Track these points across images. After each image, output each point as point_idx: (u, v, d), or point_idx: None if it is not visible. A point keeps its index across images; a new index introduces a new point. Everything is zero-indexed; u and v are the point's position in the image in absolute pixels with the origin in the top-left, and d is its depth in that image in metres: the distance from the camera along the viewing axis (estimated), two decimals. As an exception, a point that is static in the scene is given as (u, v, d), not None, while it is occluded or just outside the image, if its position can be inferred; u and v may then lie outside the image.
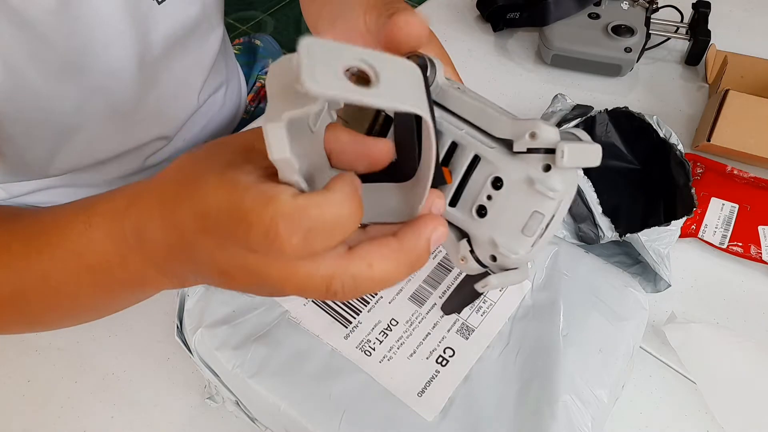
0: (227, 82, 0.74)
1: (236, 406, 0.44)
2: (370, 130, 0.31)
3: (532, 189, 0.27)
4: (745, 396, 0.47)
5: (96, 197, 0.33)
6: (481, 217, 0.28)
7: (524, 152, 0.27)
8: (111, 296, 0.35)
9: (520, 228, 0.27)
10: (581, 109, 0.60)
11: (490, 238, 0.28)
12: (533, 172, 0.27)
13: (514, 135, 0.27)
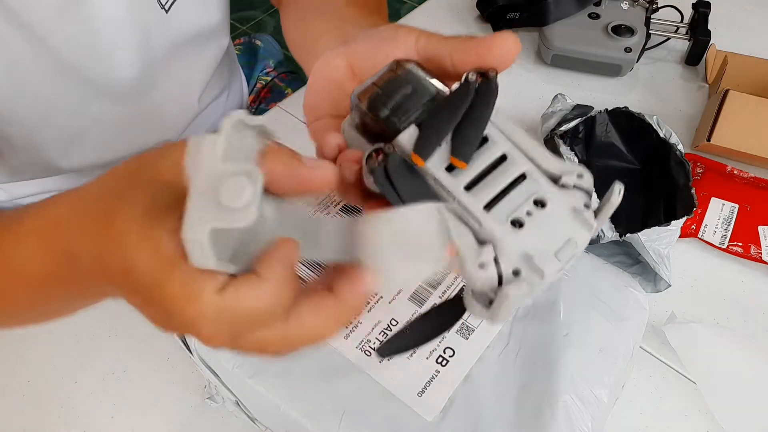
0: (229, 86, 0.74)
1: (236, 406, 0.44)
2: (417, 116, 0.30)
3: (576, 217, 0.28)
4: (745, 396, 0.47)
5: (24, 210, 0.32)
6: (516, 228, 0.28)
7: (570, 186, 0.29)
8: (55, 305, 0.35)
9: (555, 250, 0.28)
10: (581, 109, 0.60)
11: (524, 251, 0.27)
12: (577, 204, 0.28)
13: (563, 171, 0.29)
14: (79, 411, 0.48)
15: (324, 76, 0.34)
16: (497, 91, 0.29)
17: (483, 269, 0.27)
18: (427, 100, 0.29)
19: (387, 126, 0.29)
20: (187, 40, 0.58)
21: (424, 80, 0.30)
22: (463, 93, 0.28)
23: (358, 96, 0.31)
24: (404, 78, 0.30)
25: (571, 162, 0.30)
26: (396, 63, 0.31)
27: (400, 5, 2.06)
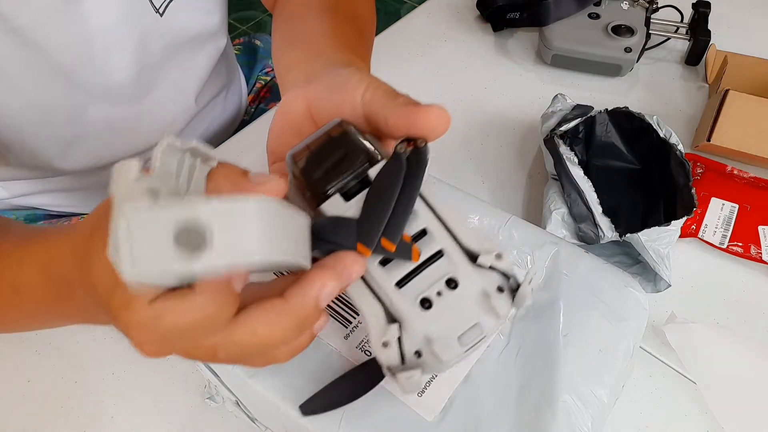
0: (228, 86, 0.74)
1: (236, 406, 0.44)
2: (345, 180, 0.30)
3: (485, 302, 0.28)
4: (745, 396, 0.47)
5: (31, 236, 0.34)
6: (423, 309, 0.28)
7: (486, 267, 0.28)
8: (53, 320, 0.37)
9: (459, 334, 0.27)
10: (581, 109, 0.60)
11: (426, 334, 0.27)
12: (490, 288, 0.28)
13: (483, 249, 0.28)
14: (79, 411, 0.48)
15: (284, 120, 0.35)
16: (427, 161, 0.29)
17: (386, 348, 0.27)
18: (359, 165, 0.29)
19: (315, 190, 0.29)
20: (182, 43, 0.58)
21: (358, 144, 0.30)
22: (395, 169, 0.28)
23: (292, 157, 0.31)
24: (339, 141, 0.30)
25: (487, 239, 0.29)
26: (335, 124, 0.31)
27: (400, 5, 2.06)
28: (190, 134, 0.70)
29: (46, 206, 0.67)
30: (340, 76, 0.33)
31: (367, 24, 0.51)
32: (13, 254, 0.33)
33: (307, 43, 0.43)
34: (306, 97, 0.34)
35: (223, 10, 0.61)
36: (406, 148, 0.29)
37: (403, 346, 0.28)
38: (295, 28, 0.46)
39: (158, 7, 0.52)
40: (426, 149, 0.29)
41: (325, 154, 0.30)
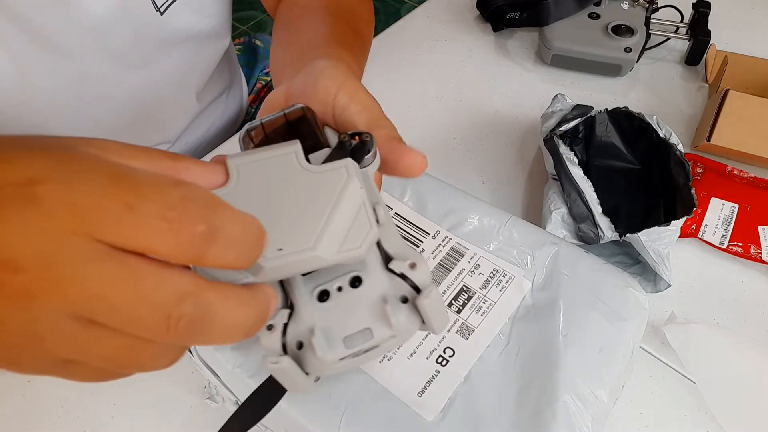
0: (230, 87, 0.74)
1: (236, 406, 0.44)
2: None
3: (381, 308, 0.26)
4: (745, 396, 0.47)
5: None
6: (319, 301, 0.27)
7: (396, 274, 0.27)
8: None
9: (345, 335, 0.26)
10: (581, 109, 0.60)
11: (312, 326, 0.26)
12: (391, 295, 0.26)
13: (398, 255, 0.27)
14: (79, 411, 0.48)
15: (264, 113, 0.35)
16: (374, 154, 0.28)
17: (269, 331, 0.26)
18: (304, 149, 0.28)
19: None
20: (181, 42, 0.58)
21: (316, 131, 0.30)
22: (337, 155, 0.28)
23: (246, 133, 0.30)
24: (294, 125, 0.30)
25: (411, 248, 0.27)
26: (294, 108, 0.31)
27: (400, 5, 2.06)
28: (192, 135, 0.70)
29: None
30: (314, 70, 0.33)
31: (364, 24, 0.51)
32: None
33: (300, 43, 0.43)
34: (285, 93, 0.34)
35: (226, 12, 0.61)
36: (350, 140, 0.28)
37: (287, 333, 0.26)
38: (291, 31, 0.46)
39: (159, 5, 0.52)
40: (372, 143, 0.29)
41: (279, 135, 0.30)
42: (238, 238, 0.21)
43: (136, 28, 0.52)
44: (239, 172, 0.26)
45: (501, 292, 0.43)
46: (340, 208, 0.25)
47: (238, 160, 0.26)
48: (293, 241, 0.24)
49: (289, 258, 0.24)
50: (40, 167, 0.18)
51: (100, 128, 0.58)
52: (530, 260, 0.44)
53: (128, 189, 0.18)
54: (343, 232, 0.25)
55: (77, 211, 0.18)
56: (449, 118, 0.70)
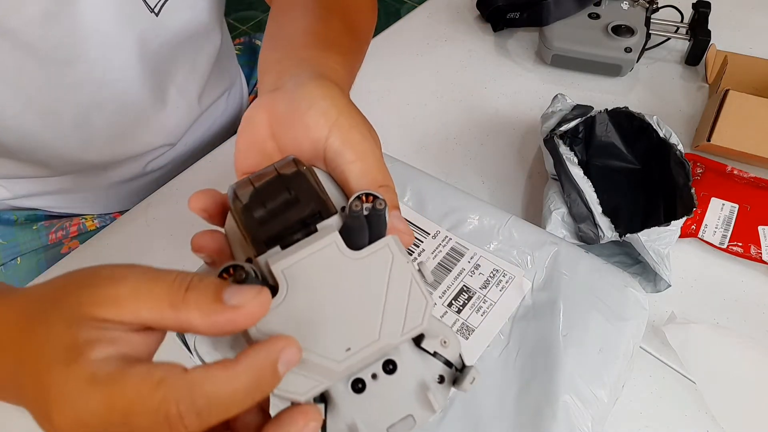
0: (230, 87, 0.74)
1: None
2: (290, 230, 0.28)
3: (421, 394, 0.26)
4: (745, 396, 0.47)
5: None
6: (355, 392, 0.26)
7: (430, 353, 0.26)
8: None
9: (388, 425, 0.25)
10: (581, 109, 0.60)
11: (353, 420, 0.25)
12: (429, 377, 0.26)
13: (428, 332, 0.26)
14: (78, 411, 0.48)
15: (248, 137, 0.33)
16: (386, 219, 0.27)
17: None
18: (309, 216, 0.27)
19: (255, 236, 0.27)
20: (180, 43, 0.58)
21: (313, 192, 0.28)
22: (357, 227, 0.26)
23: (235, 191, 0.28)
24: (289, 182, 0.28)
25: (439, 321, 0.27)
26: (288, 161, 0.29)
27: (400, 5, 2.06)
28: (192, 136, 0.70)
29: (46, 207, 0.67)
30: (302, 99, 0.31)
31: (362, 18, 0.48)
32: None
33: (284, 40, 0.40)
34: (268, 114, 0.32)
35: (217, 7, 0.61)
36: (362, 206, 0.26)
37: (326, 430, 0.25)
38: (279, 23, 0.43)
39: (153, 6, 0.52)
40: (385, 210, 0.26)
41: (271, 195, 0.27)
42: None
43: (135, 33, 0.52)
44: (286, 277, 0.25)
45: (501, 292, 0.43)
46: (394, 289, 0.25)
47: (282, 265, 0.25)
48: (358, 338, 0.25)
49: (358, 355, 0.24)
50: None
51: (99, 134, 0.58)
52: (530, 260, 0.44)
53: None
54: (401, 312, 0.25)
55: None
56: (449, 118, 0.70)
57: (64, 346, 0.22)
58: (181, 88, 0.62)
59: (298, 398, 0.24)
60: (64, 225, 0.67)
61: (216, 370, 0.22)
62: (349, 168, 0.29)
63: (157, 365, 0.22)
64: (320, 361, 0.25)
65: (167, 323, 0.23)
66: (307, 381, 0.24)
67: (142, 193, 0.65)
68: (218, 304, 0.23)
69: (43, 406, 0.22)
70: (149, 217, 0.61)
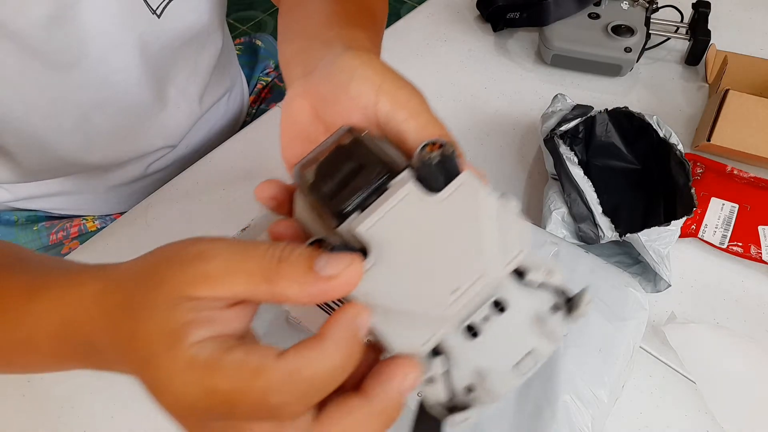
0: (231, 88, 0.74)
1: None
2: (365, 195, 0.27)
3: (540, 326, 0.25)
4: (745, 396, 0.47)
5: (39, 280, 0.30)
6: (470, 338, 0.25)
7: (537, 284, 0.25)
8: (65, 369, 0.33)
9: (514, 363, 0.25)
10: (581, 109, 0.60)
11: (478, 366, 0.25)
12: (543, 309, 0.25)
13: (530, 265, 0.25)
14: (79, 411, 0.48)
15: (290, 123, 0.33)
16: (456, 161, 0.26)
17: (431, 384, 0.25)
18: (377, 178, 0.26)
19: (330, 209, 0.26)
20: (182, 45, 0.58)
21: (376, 154, 0.27)
22: (431, 174, 0.25)
23: (301, 170, 0.28)
24: (351, 151, 0.27)
25: (536, 254, 0.26)
26: (345, 131, 0.28)
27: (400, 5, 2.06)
28: (194, 137, 0.70)
29: (47, 209, 0.67)
30: (341, 72, 0.30)
31: (382, 14, 0.47)
32: (24, 301, 0.29)
33: (304, 29, 0.39)
34: (308, 98, 0.32)
35: (219, 8, 0.61)
36: (431, 154, 0.25)
37: (452, 381, 0.25)
38: (294, 17, 0.43)
39: (155, 8, 0.52)
40: (454, 155, 0.26)
41: (337, 167, 0.27)
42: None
43: (136, 34, 0.52)
44: (373, 237, 0.25)
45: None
46: (485, 222, 0.25)
47: (365, 226, 0.25)
48: (462, 277, 0.24)
49: (466, 295, 0.24)
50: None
51: (101, 136, 0.58)
52: (530, 260, 0.44)
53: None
54: (499, 242, 0.24)
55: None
56: (449, 118, 0.69)
57: (165, 332, 0.23)
58: (182, 89, 0.62)
59: (416, 352, 0.24)
60: (65, 226, 0.67)
61: (308, 351, 0.22)
62: (404, 127, 0.28)
63: (251, 351, 0.22)
64: (429, 310, 0.24)
65: (261, 296, 0.23)
66: (422, 333, 0.24)
67: (144, 195, 0.65)
68: (312, 275, 0.23)
69: (153, 388, 0.24)
70: (149, 217, 0.61)
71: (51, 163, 0.58)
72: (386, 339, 0.24)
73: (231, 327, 0.24)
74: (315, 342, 0.22)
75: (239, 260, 0.23)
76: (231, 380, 0.22)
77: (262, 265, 0.23)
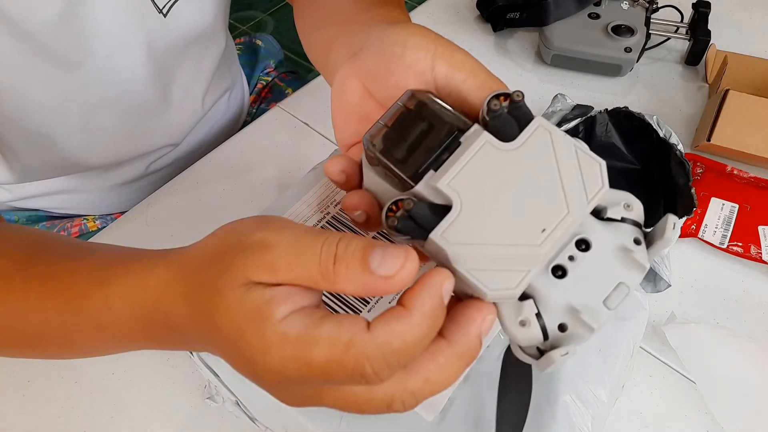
0: (231, 88, 0.74)
1: (236, 406, 0.44)
2: (437, 153, 0.28)
3: (626, 258, 0.25)
4: (745, 396, 0.47)
5: (107, 268, 0.30)
6: (558, 278, 0.25)
7: (617, 220, 0.26)
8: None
9: (603, 298, 0.25)
10: (581, 109, 0.60)
11: (569, 304, 0.25)
12: (627, 242, 0.26)
13: (609, 203, 0.26)
14: (79, 411, 0.48)
15: (342, 104, 0.33)
16: (526, 109, 0.26)
17: (525, 327, 0.25)
18: (447, 137, 0.27)
19: (405, 172, 0.27)
20: (187, 44, 0.58)
21: (443, 113, 0.27)
22: (503, 124, 0.26)
23: (370, 139, 0.28)
24: (418, 113, 0.28)
25: (616, 190, 0.27)
26: (409, 95, 0.29)
27: (400, 5, 2.06)
28: (195, 136, 0.70)
29: (48, 208, 0.68)
30: (391, 45, 0.30)
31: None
32: (95, 288, 0.30)
33: (335, 15, 0.39)
34: (358, 76, 0.32)
35: (223, 9, 0.61)
36: (501, 104, 0.26)
37: (544, 322, 0.25)
38: (318, 4, 0.43)
39: (161, 7, 0.52)
40: (524, 103, 0.26)
41: (406, 131, 0.27)
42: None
43: (142, 34, 0.52)
44: (455, 189, 0.25)
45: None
46: (563, 163, 0.25)
47: (446, 179, 0.25)
48: (548, 217, 0.25)
49: (555, 233, 0.24)
50: None
51: (106, 134, 0.58)
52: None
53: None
54: (579, 182, 0.25)
55: None
56: (449, 118, 0.70)
57: (248, 312, 0.24)
58: (186, 88, 0.62)
59: (511, 294, 0.24)
60: (66, 225, 0.67)
61: (396, 323, 0.23)
62: (464, 86, 0.29)
63: (341, 323, 0.23)
64: (520, 251, 0.24)
65: (322, 289, 0.24)
66: (515, 274, 0.24)
67: (144, 194, 0.65)
68: (368, 276, 0.23)
69: (244, 364, 0.25)
70: (149, 216, 0.61)
71: (54, 161, 0.58)
72: (478, 285, 0.24)
73: (308, 298, 0.25)
74: (403, 314, 0.23)
75: (298, 255, 0.24)
76: (326, 353, 0.23)
77: (320, 262, 0.24)
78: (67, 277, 0.31)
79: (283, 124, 0.68)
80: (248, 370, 0.25)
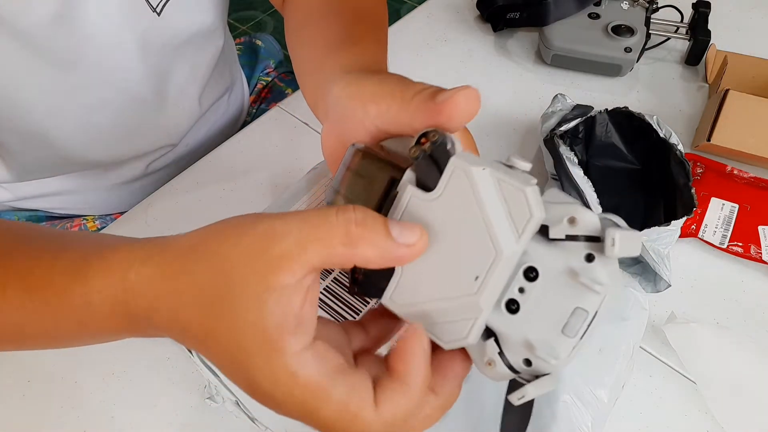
0: (231, 88, 0.74)
1: (236, 406, 0.44)
2: (378, 208, 0.28)
3: (575, 282, 0.24)
4: (745, 396, 0.47)
5: (84, 261, 0.29)
6: (512, 313, 0.25)
7: (562, 239, 0.24)
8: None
9: (560, 327, 0.24)
10: (581, 109, 0.60)
11: (525, 339, 0.24)
12: (575, 263, 0.24)
13: (550, 220, 0.24)
14: (79, 411, 0.48)
15: (329, 153, 0.35)
16: (450, 153, 0.26)
17: (492, 367, 0.25)
18: (387, 188, 0.27)
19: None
20: (182, 43, 0.58)
21: (376, 166, 0.29)
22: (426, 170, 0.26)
23: (332, 199, 0.30)
24: (357, 171, 0.29)
25: (560, 203, 0.25)
26: (351, 153, 0.30)
27: (400, 5, 2.06)
28: (193, 136, 0.70)
29: (48, 209, 0.67)
30: (337, 105, 0.32)
31: (378, 16, 0.48)
32: (73, 283, 0.29)
33: (312, 59, 0.41)
34: (334, 134, 0.34)
35: (221, 8, 0.61)
36: (420, 149, 0.26)
37: (508, 360, 0.25)
38: (300, 42, 0.44)
39: (155, 6, 0.52)
40: (445, 139, 0.26)
41: (352, 190, 0.29)
42: None
43: (137, 33, 0.52)
44: None
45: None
46: (486, 203, 0.24)
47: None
48: (479, 264, 0.24)
49: (489, 278, 0.24)
50: None
51: (102, 134, 0.58)
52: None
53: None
54: (505, 218, 0.24)
55: None
56: (449, 118, 0.70)
57: (258, 337, 0.23)
58: (182, 88, 0.62)
59: (465, 343, 0.25)
60: (65, 226, 0.67)
61: (400, 398, 0.24)
62: (390, 115, 0.29)
63: (352, 389, 0.24)
64: (461, 302, 0.25)
65: (337, 261, 0.24)
66: (463, 323, 0.25)
67: (144, 194, 0.65)
68: (390, 242, 0.24)
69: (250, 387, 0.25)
70: (149, 217, 0.61)
71: (52, 161, 0.58)
72: (435, 339, 0.26)
73: (313, 326, 0.25)
74: (404, 389, 0.24)
75: (312, 233, 0.24)
76: (334, 415, 0.24)
77: (339, 231, 0.24)
78: (45, 272, 0.31)
79: (283, 124, 0.68)
80: (247, 386, 0.25)
